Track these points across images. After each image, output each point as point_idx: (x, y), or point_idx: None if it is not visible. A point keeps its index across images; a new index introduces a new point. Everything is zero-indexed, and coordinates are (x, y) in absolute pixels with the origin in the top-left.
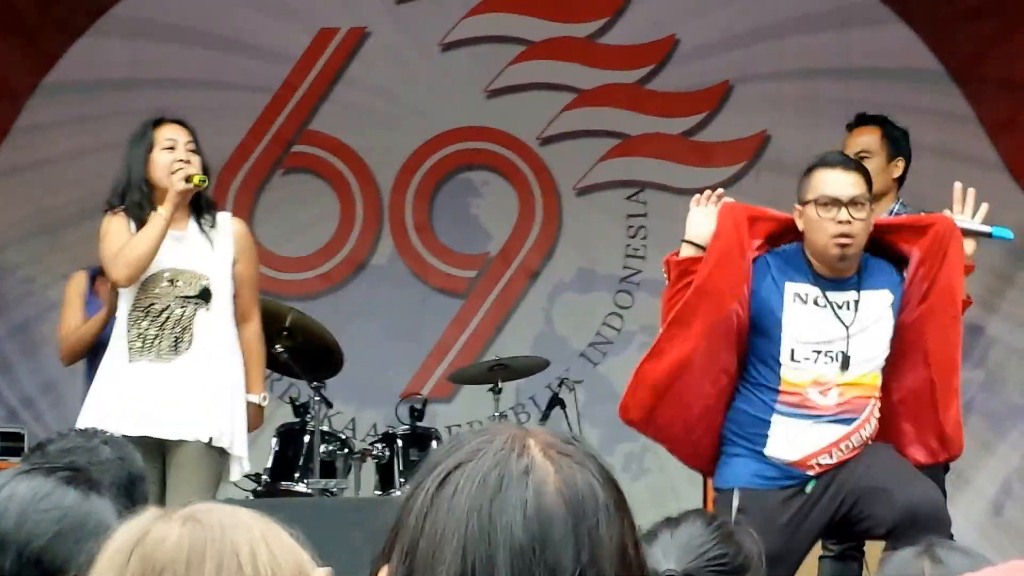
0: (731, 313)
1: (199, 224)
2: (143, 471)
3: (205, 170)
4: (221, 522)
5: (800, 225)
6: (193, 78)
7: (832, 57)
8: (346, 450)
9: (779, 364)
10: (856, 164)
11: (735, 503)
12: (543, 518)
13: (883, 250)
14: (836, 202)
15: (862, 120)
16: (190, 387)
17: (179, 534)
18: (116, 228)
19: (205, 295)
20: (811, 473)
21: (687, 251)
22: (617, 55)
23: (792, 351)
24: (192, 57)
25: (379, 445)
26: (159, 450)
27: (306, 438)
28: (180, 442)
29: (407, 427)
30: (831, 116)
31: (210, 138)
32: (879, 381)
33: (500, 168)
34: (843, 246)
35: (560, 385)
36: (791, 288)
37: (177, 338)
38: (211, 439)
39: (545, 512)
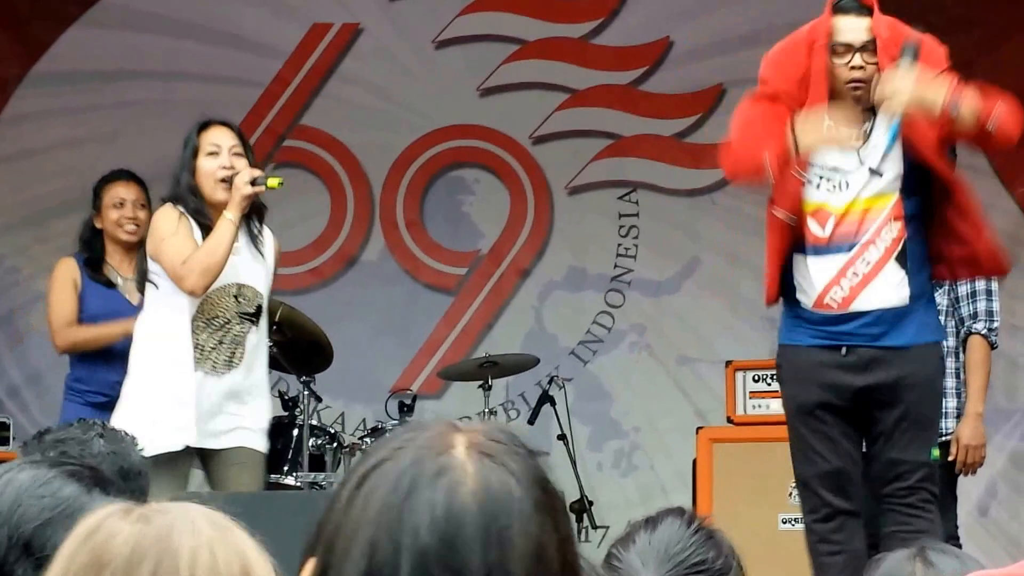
0: None
1: (250, 234)
2: (140, 465)
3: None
4: (171, 523)
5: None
6: (184, 71)
7: None
8: (335, 444)
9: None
10: (868, 10)
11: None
12: (452, 520)
13: None
14: (849, 48)
15: None
16: (238, 400)
17: (128, 532)
18: (179, 229)
19: (259, 313)
20: (831, 312)
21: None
22: (611, 56)
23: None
24: (183, 49)
25: (368, 440)
26: (194, 458)
27: (295, 432)
28: (226, 449)
29: (396, 422)
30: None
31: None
32: (890, 201)
33: (492, 166)
34: (857, 89)
35: (550, 383)
36: None
37: (232, 353)
38: (252, 446)
39: (454, 514)
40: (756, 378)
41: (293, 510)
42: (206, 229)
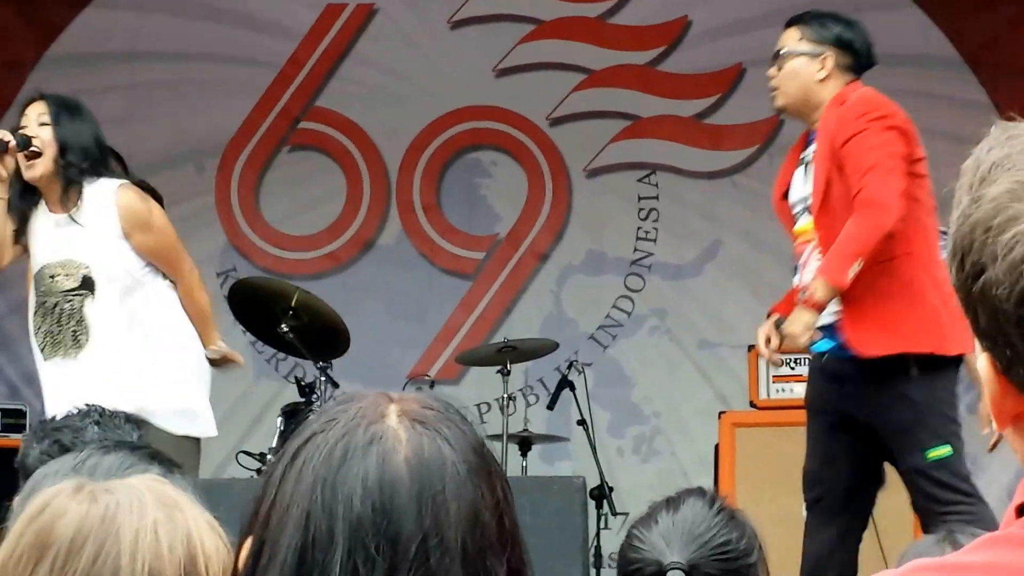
0: None
1: (65, 208)
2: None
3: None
4: (118, 502)
5: None
6: (198, 52)
7: None
8: None
9: None
10: (798, 17)
11: None
12: (384, 488)
13: None
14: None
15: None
16: (95, 380)
17: (74, 512)
18: None
19: (88, 284)
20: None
21: None
22: (628, 36)
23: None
24: (197, 31)
25: None
26: None
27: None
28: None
29: None
30: None
31: (214, 113)
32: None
33: (509, 148)
34: (773, 98)
35: (569, 368)
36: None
37: (75, 332)
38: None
39: (387, 482)
40: (780, 362)
41: None
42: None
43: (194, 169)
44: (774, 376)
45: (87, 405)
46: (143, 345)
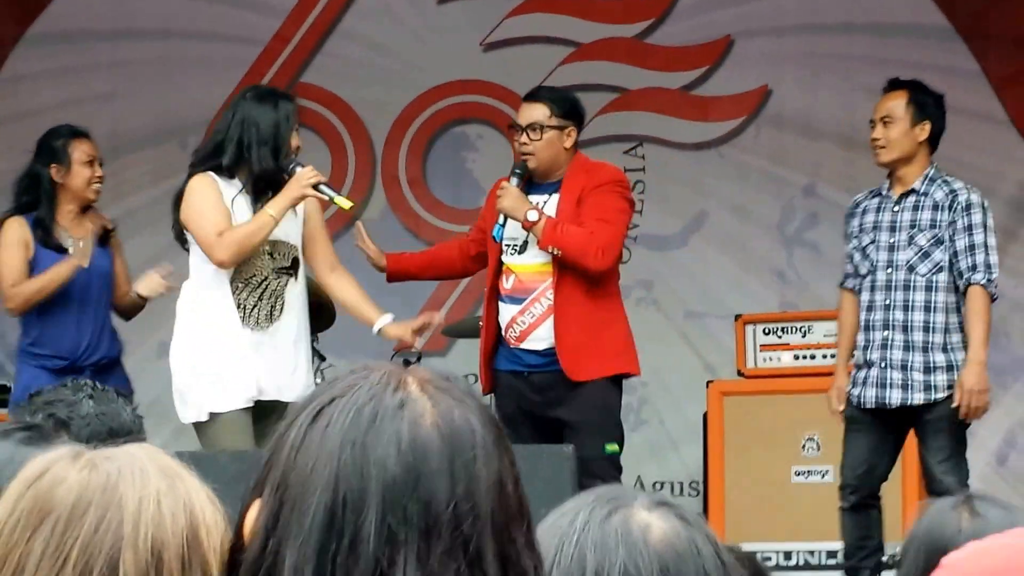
0: None
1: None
2: (128, 426)
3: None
4: (120, 470)
5: None
6: (182, 29)
7: (835, 12)
8: None
9: None
10: (542, 95)
11: None
12: (418, 451)
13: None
14: (517, 127)
15: (892, 85)
16: (283, 353)
17: (74, 479)
18: (211, 198)
19: (296, 265)
20: (511, 346)
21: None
22: (616, 8)
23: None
24: (181, 7)
25: None
26: (255, 413)
27: None
28: (276, 404)
29: None
30: (833, 71)
31: (199, 90)
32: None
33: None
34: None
35: None
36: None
37: (271, 307)
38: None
39: (420, 445)
40: (766, 331)
41: None
42: (261, 192)
43: (178, 146)
44: (761, 345)
45: (79, 379)
46: None
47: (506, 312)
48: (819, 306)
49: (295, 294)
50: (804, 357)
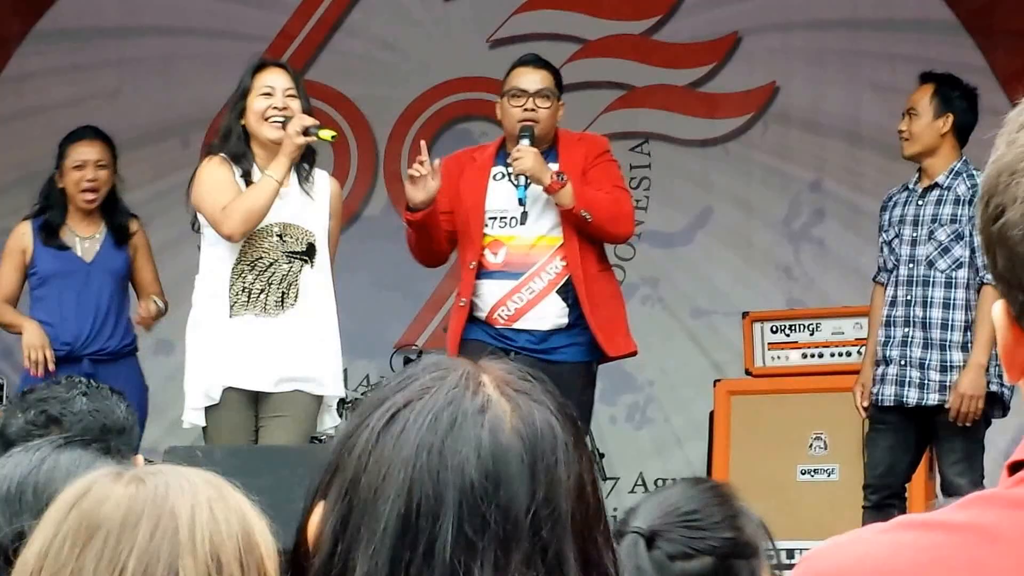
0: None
1: (299, 177)
2: (122, 423)
3: (308, 114)
4: (167, 483)
5: (499, 115)
6: (188, 26)
7: (842, 8)
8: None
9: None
10: (544, 64)
11: None
12: (498, 457)
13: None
14: (524, 93)
15: (923, 78)
16: (293, 342)
17: (121, 494)
18: (219, 176)
19: (311, 251)
20: (497, 327)
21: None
22: (623, 5)
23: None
24: (187, 5)
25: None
26: (254, 402)
27: None
28: (277, 394)
29: None
30: (840, 67)
31: (203, 87)
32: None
33: None
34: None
35: None
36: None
37: (283, 294)
38: (308, 390)
39: (500, 450)
40: (774, 329)
41: (293, 464)
42: (248, 174)
43: (180, 143)
44: (769, 343)
45: (73, 376)
46: None
47: (496, 289)
48: (825, 302)
49: (314, 283)
50: (812, 355)
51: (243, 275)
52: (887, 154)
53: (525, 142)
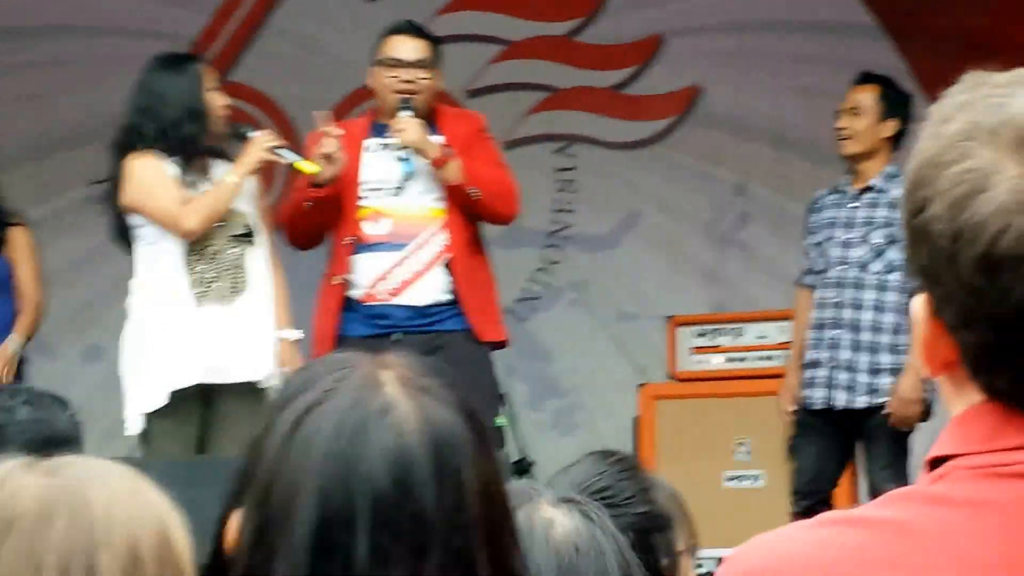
0: None
1: (229, 159)
2: (66, 432)
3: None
4: (81, 476)
5: (371, 84)
6: (112, 26)
7: (763, 10)
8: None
9: None
10: (422, 32)
11: None
12: (404, 463)
13: None
14: (399, 63)
15: (864, 78)
16: (250, 328)
17: (35, 486)
18: (160, 173)
19: (250, 233)
20: (375, 303)
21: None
22: (547, 6)
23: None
24: (111, 4)
25: None
26: (201, 399)
27: None
28: (228, 386)
29: None
30: (763, 70)
31: (128, 89)
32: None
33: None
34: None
35: None
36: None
37: (234, 279)
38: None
39: (406, 456)
40: (699, 333)
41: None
42: (191, 161)
43: (105, 145)
44: (693, 347)
45: (16, 386)
46: None
47: (377, 262)
48: (750, 306)
49: (257, 263)
50: (736, 360)
51: (194, 265)
52: (812, 157)
53: (408, 114)
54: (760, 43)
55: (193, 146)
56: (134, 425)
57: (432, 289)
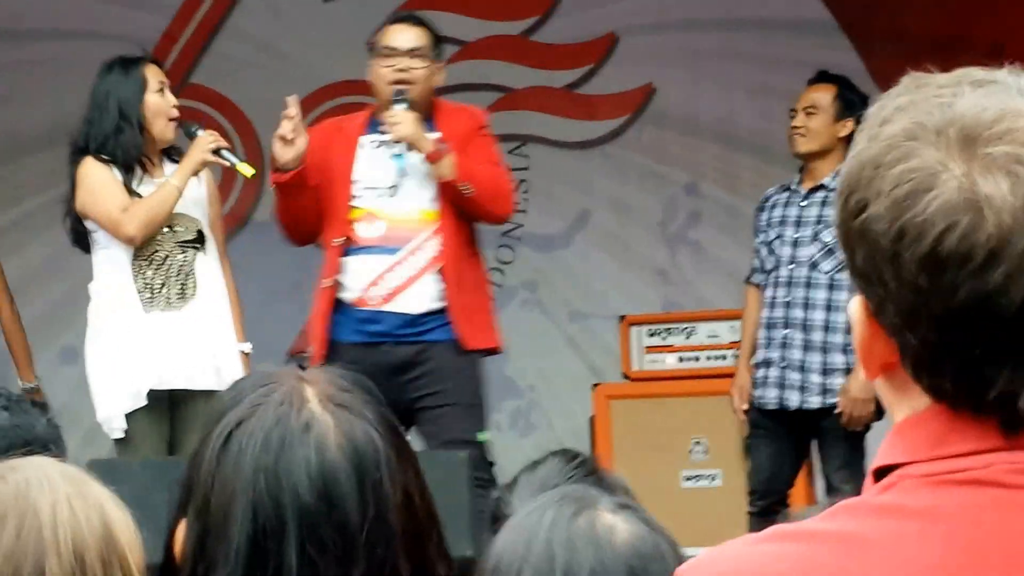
0: None
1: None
2: (44, 437)
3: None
4: (27, 480)
5: (369, 78)
6: (73, 29)
7: (716, 8)
8: None
9: None
10: (420, 21)
11: None
12: (327, 477)
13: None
14: (394, 51)
15: (821, 77)
16: (201, 335)
17: None
18: (106, 179)
19: (201, 239)
20: (366, 308)
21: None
22: (500, 6)
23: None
24: (70, 7)
25: None
26: (169, 401)
27: None
28: (193, 392)
29: None
30: (715, 69)
31: (87, 92)
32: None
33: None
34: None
35: None
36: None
37: (183, 285)
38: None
39: (328, 470)
40: (651, 332)
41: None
42: (132, 168)
43: (70, 149)
44: (646, 347)
45: None
46: None
47: (370, 266)
48: (702, 305)
49: (208, 269)
50: (689, 359)
51: (142, 271)
52: (762, 156)
53: (402, 106)
54: (711, 41)
55: (132, 152)
56: (118, 428)
57: (424, 297)
